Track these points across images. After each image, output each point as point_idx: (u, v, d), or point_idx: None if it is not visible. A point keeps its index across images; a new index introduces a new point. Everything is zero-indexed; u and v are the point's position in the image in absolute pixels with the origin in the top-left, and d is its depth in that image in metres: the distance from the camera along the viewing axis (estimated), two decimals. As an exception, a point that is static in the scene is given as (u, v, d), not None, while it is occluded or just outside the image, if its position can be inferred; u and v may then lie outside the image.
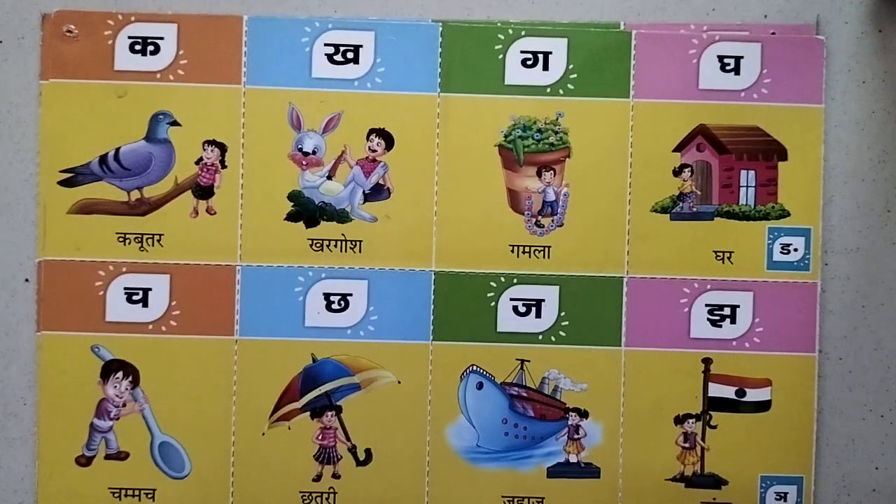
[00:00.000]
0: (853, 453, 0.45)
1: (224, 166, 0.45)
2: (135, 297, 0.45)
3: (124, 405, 0.45)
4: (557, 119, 0.45)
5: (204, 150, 0.45)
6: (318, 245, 0.45)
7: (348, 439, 0.45)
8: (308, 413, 0.45)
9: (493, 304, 0.45)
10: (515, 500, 0.45)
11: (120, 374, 0.44)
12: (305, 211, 0.45)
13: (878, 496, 0.45)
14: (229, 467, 0.45)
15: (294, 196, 0.45)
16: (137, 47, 0.45)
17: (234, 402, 0.45)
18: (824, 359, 0.45)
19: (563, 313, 0.45)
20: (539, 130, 0.45)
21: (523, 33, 0.45)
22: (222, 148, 0.45)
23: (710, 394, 0.45)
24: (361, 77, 0.45)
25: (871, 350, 0.45)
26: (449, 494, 0.45)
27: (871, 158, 0.45)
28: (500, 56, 0.45)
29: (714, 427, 0.45)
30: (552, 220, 0.45)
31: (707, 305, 0.45)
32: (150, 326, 0.45)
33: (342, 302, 0.45)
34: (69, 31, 0.44)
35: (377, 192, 0.45)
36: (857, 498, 0.45)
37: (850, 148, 0.45)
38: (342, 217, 0.45)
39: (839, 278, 0.45)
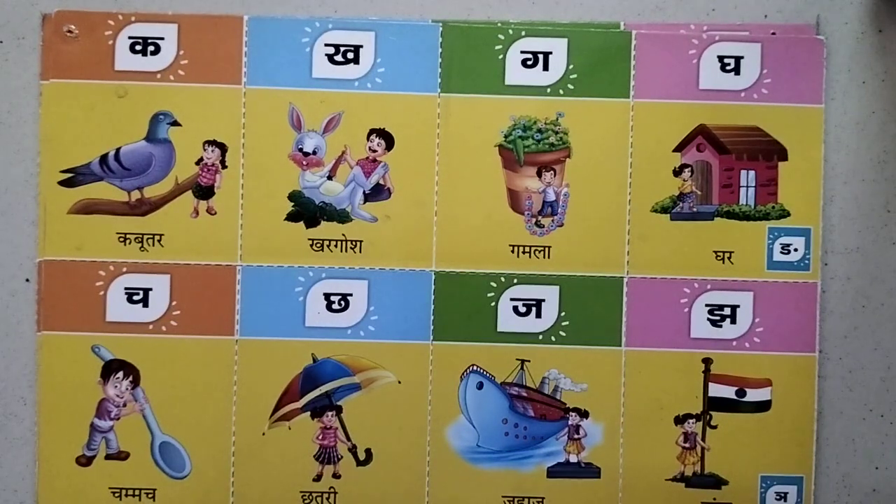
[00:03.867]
0: (853, 453, 0.45)
1: (224, 166, 0.45)
2: (135, 297, 0.45)
3: (125, 405, 0.45)
4: (557, 119, 0.45)
5: (204, 150, 0.45)
6: (318, 245, 0.45)
7: (348, 439, 0.45)
8: (308, 413, 0.45)
9: (493, 304, 0.45)
10: (516, 500, 0.45)
11: (120, 374, 0.44)
12: (306, 211, 0.45)
13: (878, 496, 0.45)
14: (230, 467, 0.45)
15: (294, 196, 0.45)
16: (138, 47, 0.45)
17: (234, 402, 0.45)
18: (824, 359, 0.45)
19: (563, 313, 0.45)
20: (539, 130, 0.45)
21: (523, 33, 0.45)
22: (223, 148, 0.45)
23: (711, 394, 0.45)
24: (362, 77, 0.45)
25: (870, 350, 0.45)
26: (449, 494, 0.45)
27: (871, 158, 0.45)
28: (501, 56, 0.45)
29: (714, 427, 0.45)
30: (552, 220, 0.45)
31: (707, 305, 0.45)
32: (151, 326, 0.45)
33: (342, 302, 0.45)
34: (69, 32, 0.44)
35: (377, 193, 0.45)
36: (858, 498, 0.45)
37: (850, 148, 0.45)
38: (342, 217, 0.45)
39: (839, 278, 0.45)
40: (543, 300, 0.45)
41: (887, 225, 0.45)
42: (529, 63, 0.45)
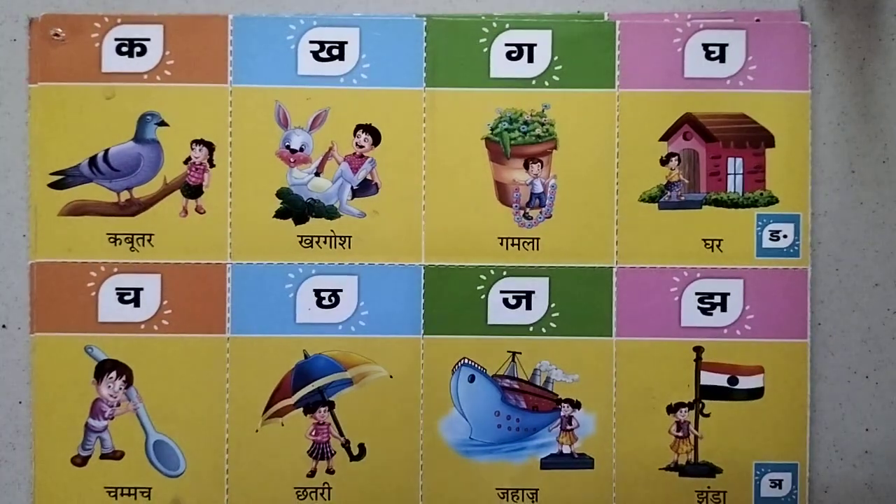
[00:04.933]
0: (841, 417, 0.45)
1: (212, 165, 0.45)
2: (126, 297, 0.45)
3: (118, 405, 0.45)
4: (543, 111, 0.45)
5: (192, 149, 0.45)
6: (307, 241, 0.45)
7: (342, 434, 0.45)
8: (301, 409, 0.45)
9: (483, 296, 0.45)
10: (509, 492, 0.45)
11: (113, 374, 0.45)
12: (294, 208, 0.45)
13: (870, 457, 0.45)
14: (224, 465, 0.45)
15: (282, 193, 0.45)
16: (124, 49, 0.45)
17: (227, 400, 0.45)
18: (815, 343, 0.45)
19: (553, 305, 0.45)
20: (525, 122, 0.45)
21: (507, 26, 0.45)
22: (210, 147, 0.45)
23: (703, 382, 0.45)
24: (347, 73, 0.45)
25: (849, 312, 0.45)
26: (443, 488, 0.45)
27: (857, 145, 0.45)
28: (485, 49, 0.45)
29: (707, 415, 0.45)
30: (540, 212, 0.45)
31: (697, 294, 0.45)
32: (143, 326, 0.45)
33: (333, 298, 0.45)
34: (56, 35, 0.45)
35: (365, 188, 0.45)
36: (850, 461, 0.45)
37: (836, 133, 0.45)
38: (331, 213, 0.45)
39: (829, 263, 0.45)
40: (533, 292, 0.45)
41: (875, 211, 0.45)
42: (514, 55, 0.45)
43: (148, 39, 0.45)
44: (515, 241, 0.45)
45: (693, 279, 0.45)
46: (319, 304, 0.45)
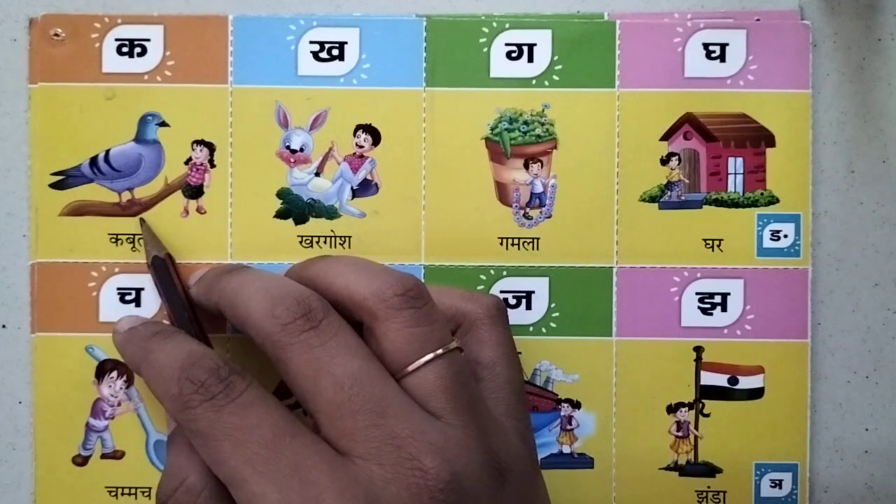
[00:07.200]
0: (841, 418, 0.45)
1: (213, 165, 0.45)
2: (128, 297, 0.45)
3: (119, 404, 0.45)
4: (543, 111, 0.45)
5: (193, 149, 0.45)
6: (307, 242, 0.45)
7: (342, 434, 0.45)
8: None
9: (483, 296, 0.45)
10: (510, 491, 0.45)
11: (114, 374, 0.45)
12: (294, 208, 0.45)
13: (870, 457, 0.45)
14: (224, 464, 0.45)
15: (283, 194, 0.45)
16: (124, 49, 0.45)
17: (227, 400, 0.45)
18: (815, 342, 0.45)
19: (553, 304, 0.45)
20: (525, 122, 0.45)
21: (507, 26, 0.45)
22: (211, 147, 0.45)
23: (703, 382, 0.45)
24: (347, 73, 0.45)
25: (849, 312, 0.45)
26: (443, 487, 0.45)
27: (857, 145, 0.45)
28: (485, 49, 0.45)
29: (707, 415, 0.45)
30: (540, 212, 0.45)
31: (697, 294, 0.45)
32: (143, 326, 0.45)
33: (333, 298, 0.45)
34: (56, 35, 0.45)
35: (365, 188, 0.45)
36: (850, 461, 0.45)
37: (836, 133, 0.45)
38: (331, 213, 0.45)
39: (829, 263, 0.45)
40: (533, 292, 0.45)
41: (875, 211, 0.45)
42: (514, 55, 0.45)
43: (148, 40, 0.45)
44: (515, 241, 0.45)
45: (693, 279, 0.45)
46: (320, 304, 0.45)
